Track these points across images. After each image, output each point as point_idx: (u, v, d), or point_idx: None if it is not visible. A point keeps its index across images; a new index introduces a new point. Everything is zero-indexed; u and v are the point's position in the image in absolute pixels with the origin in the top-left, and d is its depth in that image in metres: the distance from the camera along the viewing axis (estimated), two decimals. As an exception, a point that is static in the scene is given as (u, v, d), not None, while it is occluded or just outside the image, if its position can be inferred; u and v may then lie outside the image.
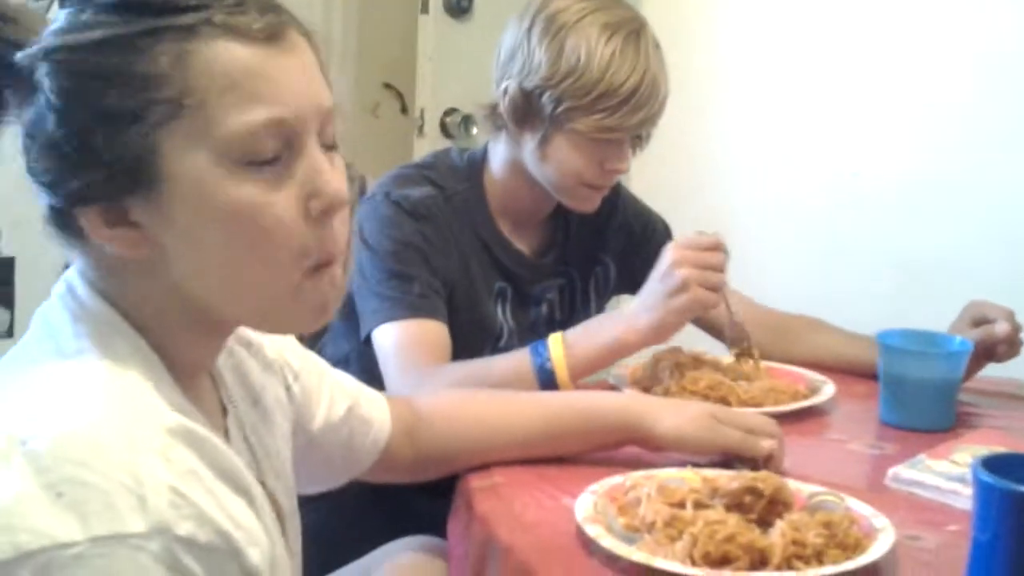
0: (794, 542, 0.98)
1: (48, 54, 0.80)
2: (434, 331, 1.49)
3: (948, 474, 1.21)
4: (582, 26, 1.51)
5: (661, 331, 1.44)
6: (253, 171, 0.82)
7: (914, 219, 2.42)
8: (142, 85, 0.79)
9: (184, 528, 0.73)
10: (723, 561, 0.97)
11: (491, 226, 1.64)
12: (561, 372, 1.42)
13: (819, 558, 0.98)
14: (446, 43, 2.80)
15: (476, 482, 1.21)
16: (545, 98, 1.52)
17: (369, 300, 1.52)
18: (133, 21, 0.79)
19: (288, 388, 1.08)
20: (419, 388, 1.39)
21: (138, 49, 0.79)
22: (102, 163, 0.79)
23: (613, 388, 1.50)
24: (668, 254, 1.44)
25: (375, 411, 1.19)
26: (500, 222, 1.65)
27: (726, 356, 1.59)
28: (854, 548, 1.00)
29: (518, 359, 1.45)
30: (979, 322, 1.54)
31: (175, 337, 0.87)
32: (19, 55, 0.81)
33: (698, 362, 1.55)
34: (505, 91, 1.56)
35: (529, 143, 1.57)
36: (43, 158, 0.81)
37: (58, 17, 0.82)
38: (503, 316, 1.64)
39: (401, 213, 1.56)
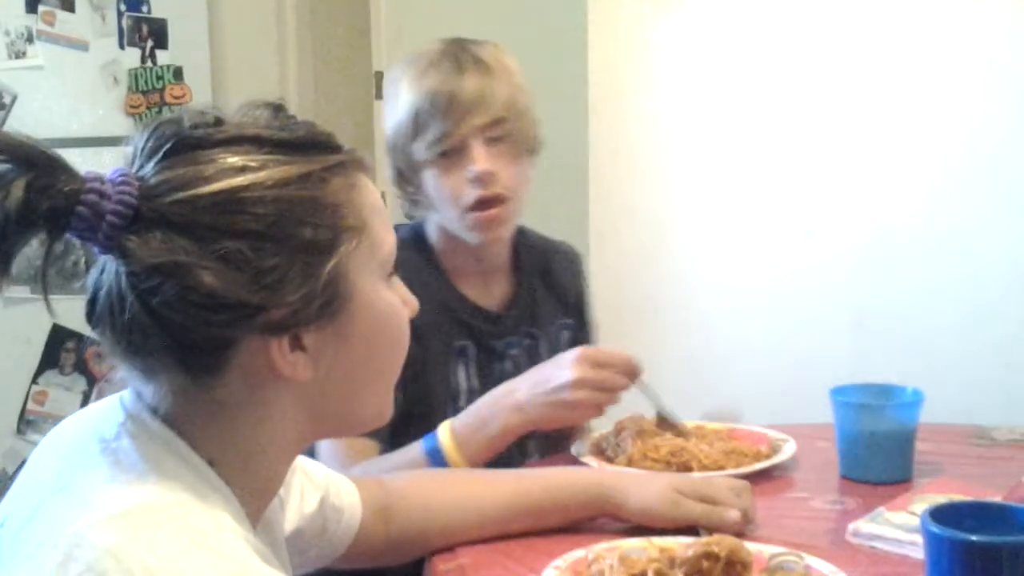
0: (755, 605, 1.00)
1: (240, 190, 0.82)
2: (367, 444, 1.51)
3: (906, 526, 1.22)
4: (391, 84, 1.63)
5: (546, 423, 1.52)
6: (389, 282, 0.93)
7: (869, 276, 2.45)
8: (332, 214, 0.86)
9: None
10: (685, 628, 0.98)
11: (448, 285, 1.66)
12: (454, 459, 1.46)
13: (780, 619, 0.99)
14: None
15: (441, 564, 1.21)
16: (395, 157, 1.62)
17: None
18: (313, 158, 0.86)
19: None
20: None
21: (325, 181, 0.86)
22: (303, 291, 0.83)
23: (575, 460, 1.51)
24: (571, 365, 1.48)
25: (345, 496, 1.19)
26: (457, 282, 1.67)
27: (690, 420, 1.61)
28: (814, 607, 1.01)
29: (414, 451, 1.48)
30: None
31: (267, 473, 0.91)
32: (178, 196, 0.80)
33: (660, 427, 1.56)
34: None
35: (423, 202, 1.65)
36: (226, 289, 0.80)
37: (212, 159, 0.82)
38: (465, 375, 1.64)
39: None
